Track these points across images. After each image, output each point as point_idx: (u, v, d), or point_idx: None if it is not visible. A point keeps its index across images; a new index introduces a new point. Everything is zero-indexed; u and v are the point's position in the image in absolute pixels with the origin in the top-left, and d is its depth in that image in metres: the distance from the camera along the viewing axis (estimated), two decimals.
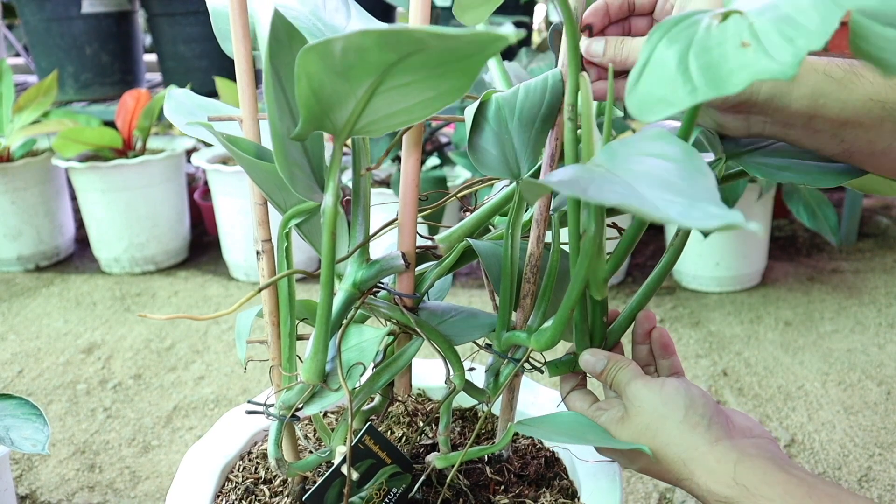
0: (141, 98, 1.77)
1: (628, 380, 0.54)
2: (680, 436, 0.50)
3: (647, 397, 0.52)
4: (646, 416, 0.51)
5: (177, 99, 0.56)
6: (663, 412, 0.51)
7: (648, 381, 0.53)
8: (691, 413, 0.50)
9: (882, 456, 1.09)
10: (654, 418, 0.51)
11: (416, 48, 0.34)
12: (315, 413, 0.54)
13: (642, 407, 0.52)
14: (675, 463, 0.50)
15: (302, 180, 0.46)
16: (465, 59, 0.36)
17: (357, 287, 0.51)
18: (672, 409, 0.51)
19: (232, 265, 1.82)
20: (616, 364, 0.55)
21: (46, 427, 0.77)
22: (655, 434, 0.51)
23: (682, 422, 0.50)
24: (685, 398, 0.51)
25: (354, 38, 0.34)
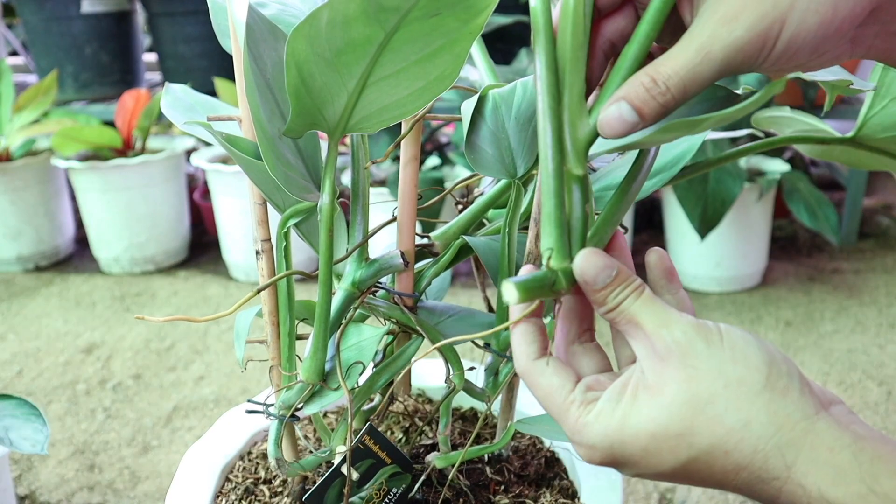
0: (140, 98, 1.77)
1: (659, 320, 0.35)
2: (766, 408, 0.33)
3: (705, 353, 0.34)
4: (704, 382, 0.34)
5: (174, 94, 0.56)
6: (736, 375, 0.34)
7: (699, 327, 0.35)
8: (776, 373, 0.34)
9: None
10: (721, 385, 0.33)
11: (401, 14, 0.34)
12: (315, 413, 0.54)
13: (697, 368, 0.34)
14: (758, 454, 0.33)
15: (296, 181, 0.46)
16: (453, 32, 0.37)
17: (356, 286, 0.51)
18: (748, 368, 0.34)
19: (232, 265, 1.82)
20: (629, 283, 0.36)
21: (46, 427, 0.77)
22: (724, 411, 0.33)
23: (765, 387, 0.33)
24: (761, 351, 0.35)
25: (339, 5, 0.34)
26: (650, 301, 0.36)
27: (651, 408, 0.34)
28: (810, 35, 0.33)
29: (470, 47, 0.39)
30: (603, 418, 0.35)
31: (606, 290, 0.36)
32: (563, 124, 0.36)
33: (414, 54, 0.38)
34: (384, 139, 1.66)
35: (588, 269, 0.36)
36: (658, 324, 0.35)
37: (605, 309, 0.37)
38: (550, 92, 0.36)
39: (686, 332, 0.34)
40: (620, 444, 0.35)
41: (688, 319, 0.35)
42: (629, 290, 0.36)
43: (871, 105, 0.51)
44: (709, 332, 0.35)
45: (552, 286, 0.37)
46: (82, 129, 1.72)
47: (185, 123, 0.51)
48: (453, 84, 0.42)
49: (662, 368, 0.35)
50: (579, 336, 0.40)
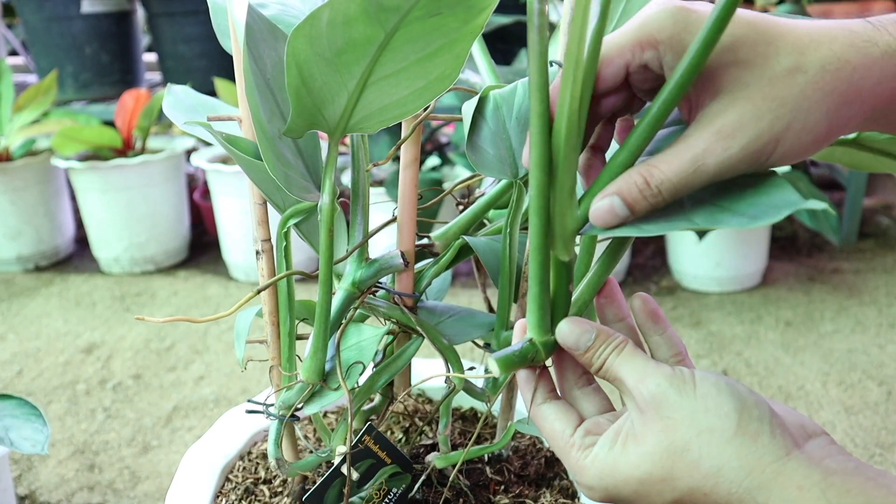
0: (140, 98, 1.77)
1: (637, 375, 0.38)
2: (737, 454, 0.35)
3: (678, 404, 0.36)
4: (679, 431, 0.36)
5: (176, 95, 0.56)
6: (708, 422, 0.35)
7: (672, 378, 0.37)
8: (746, 418, 0.36)
9: (883, 456, 1.09)
10: (694, 434, 0.36)
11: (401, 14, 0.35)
12: (315, 413, 0.54)
13: (672, 419, 0.36)
14: (732, 496, 0.35)
15: (296, 180, 0.46)
16: (453, 32, 0.37)
17: (356, 286, 0.51)
18: (719, 416, 0.35)
19: (232, 265, 1.82)
20: (610, 342, 0.39)
21: (46, 427, 0.77)
22: (699, 458, 0.35)
23: (736, 433, 0.35)
24: (732, 397, 0.36)
25: (339, 5, 0.34)
26: (630, 356, 0.39)
27: (637, 455, 0.37)
28: (803, 149, 0.35)
29: (470, 47, 0.39)
30: (598, 463, 0.38)
31: (590, 352, 0.39)
32: (552, 216, 0.38)
33: (414, 54, 0.38)
34: (384, 139, 1.66)
35: (569, 338, 0.40)
36: (636, 378, 0.38)
37: (594, 369, 0.40)
38: (542, 192, 0.38)
39: (660, 385, 0.37)
40: (615, 487, 0.38)
41: (662, 371, 0.37)
42: (611, 349, 0.39)
43: None
44: (682, 382, 0.37)
45: (532, 359, 0.41)
46: (82, 129, 1.72)
47: (186, 123, 0.51)
48: (454, 84, 0.42)
49: (644, 419, 0.37)
50: (577, 382, 0.43)
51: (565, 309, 0.42)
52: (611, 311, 0.44)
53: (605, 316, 0.44)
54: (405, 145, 0.52)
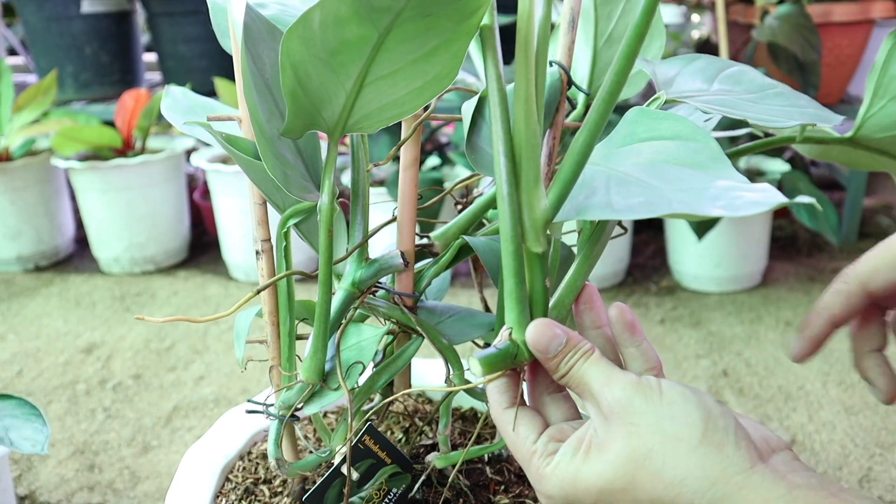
0: (140, 98, 1.77)
1: (603, 380, 0.37)
2: (702, 463, 0.34)
3: (644, 410, 0.36)
4: (644, 437, 0.35)
5: (174, 97, 0.56)
6: (673, 431, 0.35)
7: (639, 385, 0.37)
8: (712, 428, 0.35)
9: (883, 456, 1.09)
10: (659, 441, 0.35)
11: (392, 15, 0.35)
12: (315, 413, 0.54)
13: (637, 425, 0.35)
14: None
15: (295, 180, 0.46)
16: (447, 32, 0.37)
17: (356, 286, 0.51)
18: (685, 424, 0.35)
19: (232, 265, 1.82)
20: (578, 349, 0.39)
21: (46, 427, 0.77)
22: (662, 466, 0.35)
23: (701, 442, 0.35)
24: (699, 407, 0.36)
25: (330, 6, 0.34)
26: (597, 362, 0.38)
27: (599, 464, 0.36)
28: None
29: (467, 46, 0.39)
30: (559, 471, 0.37)
31: (558, 357, 0.38)
32: (521, 206, 0.38)
33: (410, 54, 0.38)
34: (384, 139, 1.66)
35: (540, 340, 0.39)
36: (602, 383, 0.37)
37: (559, 375, 0.39)
38: (509, 179, 0.38)
39: (626, 390, 0.36)
40: (574, 497, 0.37)
41: (629, 378, 0.37)
42: (578, 355, 0.38)
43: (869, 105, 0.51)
44: (648, 389, 0.36)
45: (514, 358, 0.40)
46: (82, 129, 1.72)
47: (185, 124, 0.51)
48: (453, 84, 0.42)
49: (608, 426, 0.36)
50: (548, 388, 0.42)
51: (543, 304, 0.41)
52: (589, 318, 0.43)
53: (583, 322, 0.43)
54: (405, 145, 0.52)
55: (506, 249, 0.39)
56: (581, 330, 0.43)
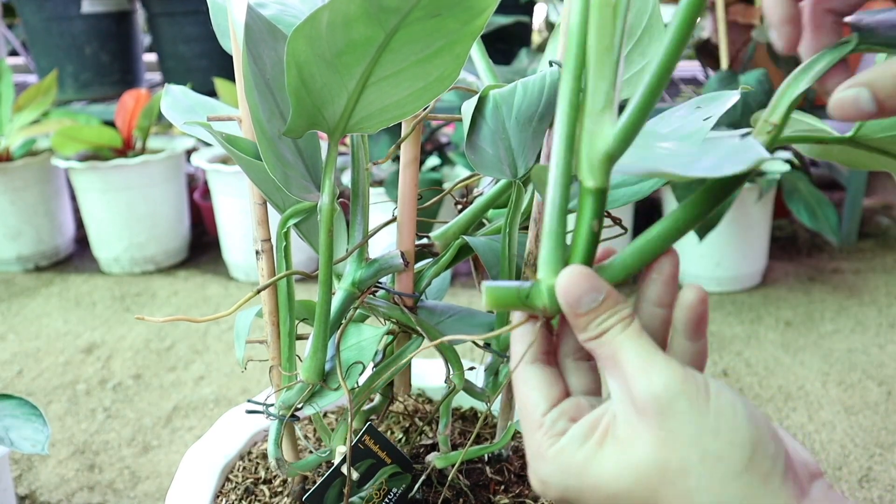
0: (140, 98, 1.77)
1: (642, 362, 0.31)
2: (742, 494, 0.29)
3: (686, 417, 0.29)
4: (680, 450, 0.29)
5: (174, 96, 0.56)
6: (715, 449, 0.29)
7: (685, 382, 0.30)
8: (761, 454, 0.29)
9: (882, 456, 1.09)
10: (697, 459, 0.29)
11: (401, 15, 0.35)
12: (315, 413, 0.54)
13: (674, 432, 0.29)
14: None
15: (296, 180, 0.46)
16: (453, 33, 0.37)
17: (356, 286, 0.51)
18: (729, 444, 0.29)
19: (232, 265, 1.82)
20: (616, 311, 0.32)
21: (46, 427, 0.77)
22: (696, 488, 0.29)
23: (746, 469, 0.29)
24: (750, 425, 0.30)
25: (339, 6, 0.34)
26: (636, 336, 0.32)
27: (617, 464, 0.30)
28: None
29: (470, 48, 0.39)
30: (563, 458, 0.32)
31: (589, 315, 0.32)
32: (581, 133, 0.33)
33: (414, 55, 0.38)
34: (384, 139, 1.66)
35: (571, 290, 0.32)
36: (640, 367, 0.31)
37: (586, 336, 0.33)
38: (571, 100, 0.33)
39: (669, 387, 0.30)
40: (577, 492, 0.32)
41: (675, 370, 0.30)
42: (615, 320, 0.32)
43: None
44: (696, 390, 0.30)
45: (526, 299, 0.34)
46: (82, 129, 1.72)
47: (185, 123, 0.51)
48: (453, 84, 0.42)
49: (637, 422, 0.31)
50: (575, 352, 0.36)
51: (587, 252, 0.34)
52: (655, 292, 0.35)
53: (646, 294, 0.35)
54: (405, 145, 0.52)
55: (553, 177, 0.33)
56: (639, 301, 0.35)
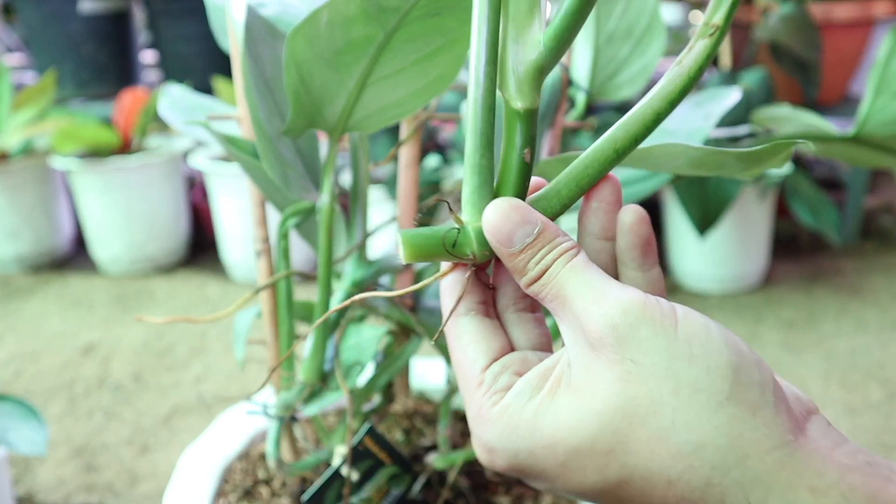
0: (139, 97, 1.76)
1: (593, 295, 0.26)
2: (728, 429, 0.24)
3: (651, 343, 0.25)
4: (648, 382, 0.25)
5: (172, 96, 0.55)
6: (690, 378, 0.25)
7: (646, 305, 0.26)
8: (746, 381, 0.25)
9: (885, 456, 1.09)
10: (669, 390, 0.25)
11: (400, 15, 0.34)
12: (314, 413, 0.54)
13: (639, 364, 0.25)
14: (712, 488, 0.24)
15: (295, 180, 0.46)
16: (452, 32, 0.37)
17: (356, 286, 0.51)
18: (706, 370, 0.25)
19: (231, 265, 1.82)
20: (556, 244, 0.27)
21: (44, 428, 0.77)
22: (671, 425, 0.24)
23: (729, 398, 0.24)
24: (728, 348, 0.25)
25: (339, 6, 0.34)
26: (582, 268, 0.27)
27: (574, 412, 0.26)
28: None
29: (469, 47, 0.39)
30: (509, 417, 0.27)
31: (526, 253, 0.27)
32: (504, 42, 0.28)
33: (414, 54, 0.38)
34: (384, 138, 1.65)
35: (500, 226, 0.27)
36: (591, 299, 0.26)
37: (527, 279, 0.28)
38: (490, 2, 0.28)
39: (628, 312, 0.25)
40: (530, 455, 0.27)
41: (631, 294, 0.26)
42: (556, 253, 0.27)
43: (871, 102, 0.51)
44: (660, 314, 0.26)
45: (452, 245, 0.28)
46: (80, 128, 1.71)
47: (185, 123, 0.51)
48: (454, 84, 0.42)
49: (592, 361, 0.26)
50: (515, 301, 0.31)
51: (519, 184, 0.29)
52: (598, 223, 0.30)
53: (588, 227, 0.31)
54: (405, 145, 0.51)
55: (472, 96, 0.29)
56: (582, 234, 0.31)
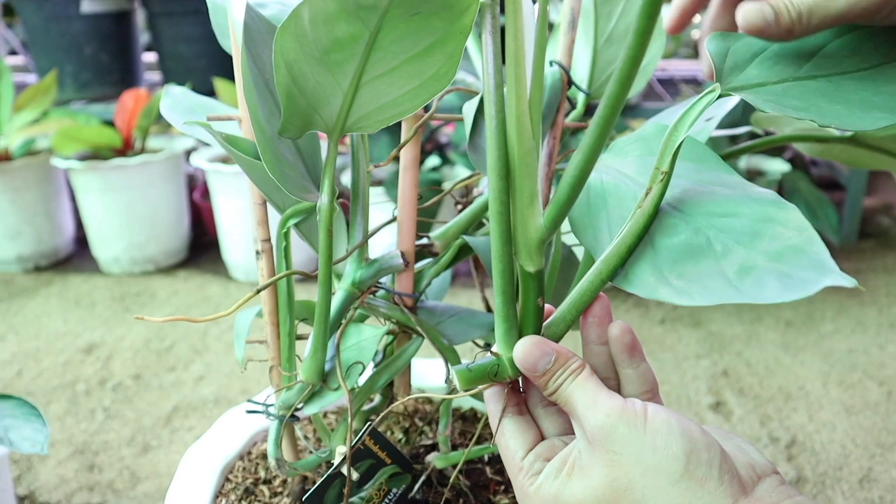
0: (140, 98, 1.76)
1: (589, 402, 0.37)
2: (682, 498, 0.34)
3: (626, 438, 0.35)
4: (625, 467, 0.35)
5: (173, 97, 0.55)
6: (654, 462, 0.34)
7: (623, 411, 0.36)
8: (695, 462, 0.34)
9: (883, 456, 1.09)
10: (639, 473, 0.34)
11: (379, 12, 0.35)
12: (315, 413, 0.54)
13: (618, 453, 0.35)
14: None
15: (295, 180, 0.46)
16: (439, 31, 0.37)
17: (356, 286, 0.51)
18: (666, 456, 0.34)
19: (231, 265, 1.82)
20: (567, 367, 0.38)
21: (45, 427, 0.77)
22: (642, 497, 0.34)
23: (683, 476, 0.34)
24: (683, 438, 0.35)
25: (317, 3, 0.34)
26: (583, 383, 0.37)
27: (580, 488, 0.36)
28: None
29: (462, 46, 0.39)
30: (542, 492, 0.38)
31: (546, 375, 0.38)
32: (515, 224, 0.38)
33: (404, 53, 0.38)
34: (384, 138, 1.66)
35: (527, 358, 0.38)
36: (587, 406, 0.37)
37: (548, 392, 0.39)
38: (500, 198, 0.37)
39: (610, 416, 0.35)
40: None
41: (614, 403, 0.36)
42: (567, 373, 0.38)
43: None
44: (633, 415, 0.35)
45: (495, 374, 0.39)
46: (82, 129, 1.72)
47: (185, 124, 0.51)
48: (453, 85, 0.42)
49: (591, 451, 0.36)
50: (541, 401, 0.42)
51: (535, 324, 0.40)
52: (595, 333, 0.41)
53: (588, 337, 0.41)
54: (404, 147, 0.52)
55: (496, 268, 0.39)
56: (585, 344, 0.42)
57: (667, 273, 0.35)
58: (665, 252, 0.36)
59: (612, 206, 0.40)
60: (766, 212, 0.34)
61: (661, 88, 2.00)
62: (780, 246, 0.33)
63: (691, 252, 0.35)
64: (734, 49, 0.40)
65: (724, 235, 0.34)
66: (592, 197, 0.41)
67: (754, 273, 0.32)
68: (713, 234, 0.35)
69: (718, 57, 0.40)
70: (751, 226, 0.34)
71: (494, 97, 0.37)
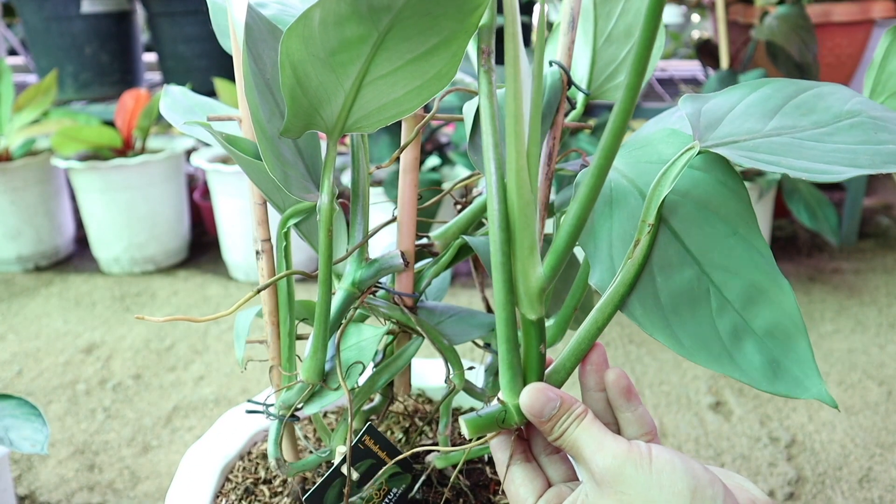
0: (140, 98, 1.76)
1: (595, 446, 0.38)
2: None
3: (633, 479, 0.36)
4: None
5: (173, 97, 0.56)
6: (661, 500, 0.36)
7: (629, 452, 0.37)
8: (700, 498, 0.36)
9: (883, 456, 1.09)
10: None
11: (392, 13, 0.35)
12: (315, 413, 0.54)
13: (627, 493, 0.36)
14: None
15: (296, 180, 0.46)
16: (446, 31, 0.37)
17: (356, 286, 0.51)
18: (672, 494, 0.36)
19: (232, 265, 1.82)
20: (571, 412, 0.40)
21: (46, 427, 0.77)
22: None
23: None
24: (687, 476, 0.36)
25: (329, 5, 0.34)
26: (588, 427, 0.39)
27: None
28: None
29: (466, 45, 0.39)
30: None
31: (552, 421, 0.39)
32: (516, 275, 0.39)
33: (409, 53, 0.38)
34: (384, 138, 1.66)
35: (533, 405, 0.40)
36: (593, 449, 0.38)
37: (553, 438, 0.40)
38: (502, 249, 0.39)
39: (616, 457, 0.37)
40: None
41: (620, 445, 0.38)
42: (571, 419, 0.39)
43: None
44: (639, 456, 0.37)
45: (502, 422, 0.41)
46: (82, 129, 1.72)
47: (185, 123, 0.51)
48: (452, 85, 0.42)
49: (600, 492, 0.37)
50: (545, 448, 0.44)
51: (538, 370, 0.41)
52: (593, 380, 0.43)
53: (587, 383, 0.43)
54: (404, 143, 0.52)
55: (499, 316, 0.40)
56: (584, 390, 0.44)
57: (668, 314, 0.38)
58: (666, 293, 0.39)
59: (616, 216, 0.42)
60: None
61: (661, 89, 2.00)
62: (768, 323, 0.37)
63: (691, 299, 0.38)
64: (705, 110, 0.42)
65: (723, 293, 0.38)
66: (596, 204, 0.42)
67: None
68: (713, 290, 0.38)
69: (692, 117, 0.42)
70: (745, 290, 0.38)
71: (493, 154, 0.39)
